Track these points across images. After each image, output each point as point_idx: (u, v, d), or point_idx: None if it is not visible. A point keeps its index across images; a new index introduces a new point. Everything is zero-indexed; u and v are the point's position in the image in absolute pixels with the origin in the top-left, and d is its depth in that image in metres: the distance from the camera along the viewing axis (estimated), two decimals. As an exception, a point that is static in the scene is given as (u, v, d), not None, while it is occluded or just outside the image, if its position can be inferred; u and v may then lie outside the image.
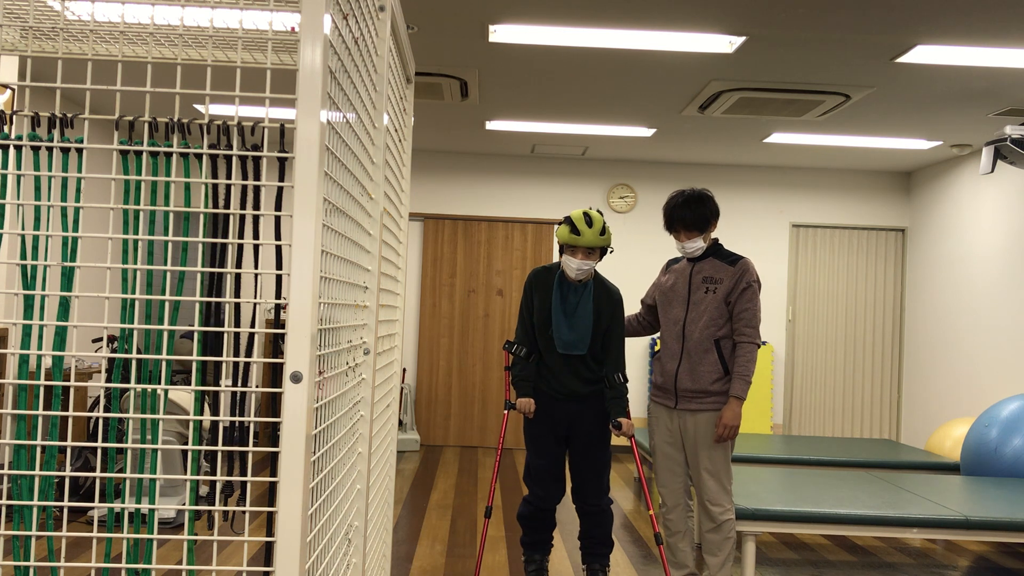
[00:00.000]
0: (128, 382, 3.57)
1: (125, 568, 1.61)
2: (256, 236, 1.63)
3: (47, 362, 4.49)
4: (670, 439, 3.72)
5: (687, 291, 3.68)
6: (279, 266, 1.64)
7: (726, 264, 3.63)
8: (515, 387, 3.85)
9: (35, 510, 1.61)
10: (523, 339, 3.85)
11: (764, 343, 8.01)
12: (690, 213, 3.60)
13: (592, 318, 3.74)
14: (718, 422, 3.55)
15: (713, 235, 3.76)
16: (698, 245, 3.64)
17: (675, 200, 3.66)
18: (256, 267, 1.60)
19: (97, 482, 1.63)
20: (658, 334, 4.02)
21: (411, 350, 8.17)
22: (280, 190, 1.63)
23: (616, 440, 7.90)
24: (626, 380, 3.79)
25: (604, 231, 3.65)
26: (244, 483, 1.59)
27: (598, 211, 3.72)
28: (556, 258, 8.17)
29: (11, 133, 1.65)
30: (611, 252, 3.88)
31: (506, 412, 3.96)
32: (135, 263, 1.62)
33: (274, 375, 6.13)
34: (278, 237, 1.65)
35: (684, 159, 8.04)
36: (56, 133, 1.62)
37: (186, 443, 4.90)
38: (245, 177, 1.61)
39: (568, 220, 3.68)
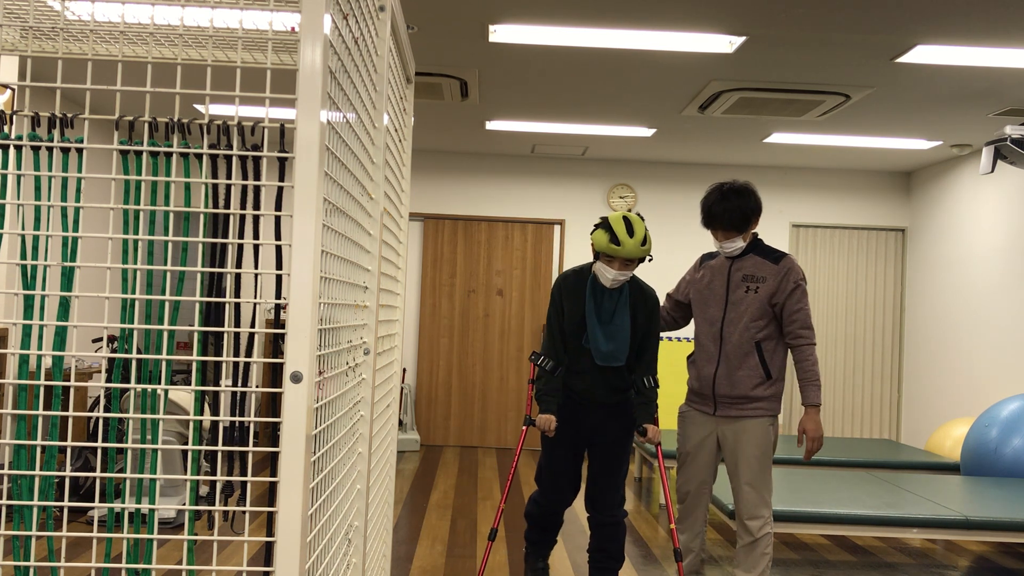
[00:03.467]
0: (128, 382, 3.57)
1: (125, 568, 1.61)
2: (256, 236, 1.63)
3: (47, 362, 4.50)
4: (706, 447, 3.48)
5: (725, 290, 3.40)
6: (279, 266, 1.64)
7: (769, 262, 3.35)
8: (538, 402, 3.55)
9: (35, 510, 1.61)
10: (551, 351, 3.54)
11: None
12: (730, 209, 3.31)
13: (629, 326, 3.47)
14: (802, 436, 3.28)
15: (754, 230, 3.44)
16: (737, 245, 3.38)
17: (715, 194, 3.37)
18: (256, 267, 1.60)
19: (97, 482, 1.63)
20: (675, 331, 3.82)
21: (411, 350, 8.17)
22: (280, 190, 1.63)
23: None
24: (657, 384, 3.56)
25: (646, 240, 3.33)
26: (244, 483, 1.59)
27: (639, 215, 3.39)
28: (558, 258, 8.17)
29: (11, 133, 1.65)
30: (650, 260, 3.52)
31: (524, 428, 3.66)
32: (135, 263, 1.62)
33: (274, 375, 6.12)
34: (278, 237, 1.65)
35: (684, 159, 8.04)
36: (56, 133, 1.62)
37: (186, 443, 4.90)
38: (245, 177, 1.61)
39: (606, 225, 3.34)
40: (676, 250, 8.19)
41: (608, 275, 3.39)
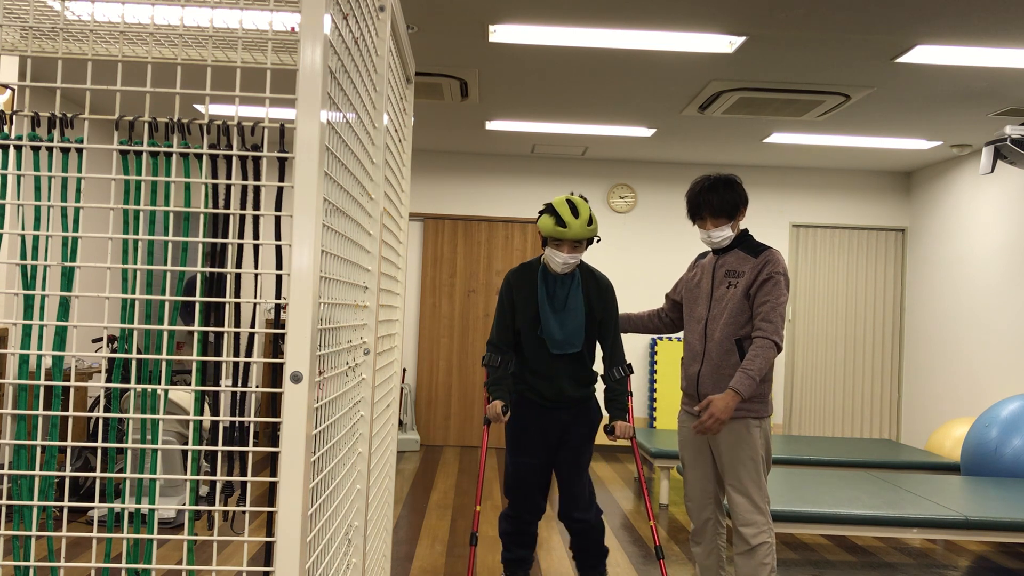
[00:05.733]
0: (128, 382, 3.57)
1: (125, 568, 1.61)
2: (256, 236, 1.63)
3: (47, 362, 4.50)
4: (697, 450, 3.37)
5: (710, 287, 3.32)
6: (279, 266, 1.64)
7: (750, 255, 3.26)
8: (489, 393, 3.51)
9: (35, 510, 1.61)
10: (497, 346, 3.53)
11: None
12: (717, 198, 3.23)
13: (584, 311, 3.45)
14: (700, 407, 3.17)
15: (742, 225, 3.41)
16: (726, 234, 3.27)
17: (701, 184, 3.29)
18: (256, 267, 1.60)
19: (97, 482, 1.63)
20: (665, 335, 3.71)
21: (411, 350, 8.17)
22: (280, 190, 1.63)
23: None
24: (628, 372, 3.52)
25: (591, 220, 3.36)
26: (244, 483, 1.59)
27: (582, 196, 3.40)
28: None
29: (11, 133, 1.65)
30: (598, 241, 3.54)
31: (485, 427, 3.64)
32: (135, 263, 1.62)
33: (274, 375, 6.12)
34: (278, 237, 1.65)
35: (684, 159, 8.04)
36: (56, 133, 1.62)
37: (186, 443, 4.90)
38: (245, 177, 1.61)
39: (551, 210, 3.35)
40: (676, 250, 8.19)
41: (559, 259, 3.38)
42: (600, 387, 6.63)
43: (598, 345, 3.62)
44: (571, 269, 3.45)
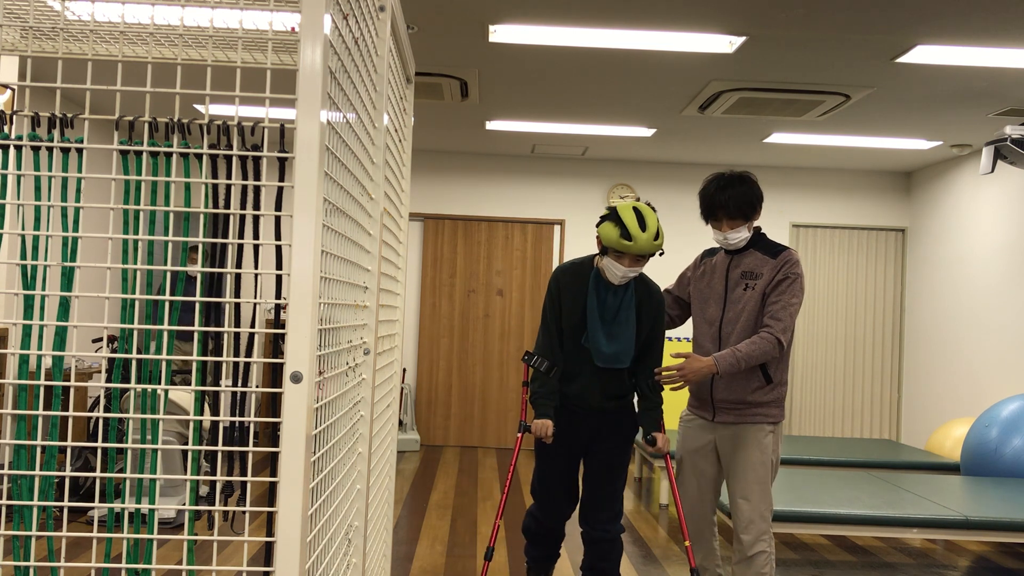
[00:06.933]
0: (128, 382, 3.57)
1: (125, 568, 1.61)
2: (256, 236, 1.63)
3: (47, 362, 4.50)
4: (705, 456, 3.26)
5: (724, 288, 3.20)
6: (279, 266, 1.64)
7: (768, 256, 3.14)
8: (533, 405, 3.25)
9: (35, 510, 1.61)
10: (546, 351, 3.26)
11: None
12: (733, 198, 3.09)
13: (634, 325, 3.21)
14: (682, 354, 3.12)
15: (756, 223, 3.22)
16: (742, 236, 3.14)
17: (715, 183, 3.15)
18: (256, 267, 1.60)
19: (97, 482, 1.63)
20: (672, 331, 3.61)
21: (411, 350, 8.17)
22: (280, 190, 1.63)
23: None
24: (662, 388, 3.29)
25: (658, 234, 3.06)
26: (244, 483, 1.59)
27: (648, 204, 3.12)
28: (558, 258, 8.16)
29: (11, 133, 1.65)
30: (661, 255, 3.32)
31: (520, 435, 3.37)
32: (135, 263, 1.62)
33: (274, 375, 6.12)
34: (278, 237, 1.65)
35: (684, 159, 8.04)
36: (56, 133, 1.61)
37: (186, 443, 4.90)
38: (245, 177, 1.61)
39: (616, 218, 3.07)
40: (676, 250, 8.19)
41: (617, 272, 3.12)
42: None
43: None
44: (628, 282, 3.21)
